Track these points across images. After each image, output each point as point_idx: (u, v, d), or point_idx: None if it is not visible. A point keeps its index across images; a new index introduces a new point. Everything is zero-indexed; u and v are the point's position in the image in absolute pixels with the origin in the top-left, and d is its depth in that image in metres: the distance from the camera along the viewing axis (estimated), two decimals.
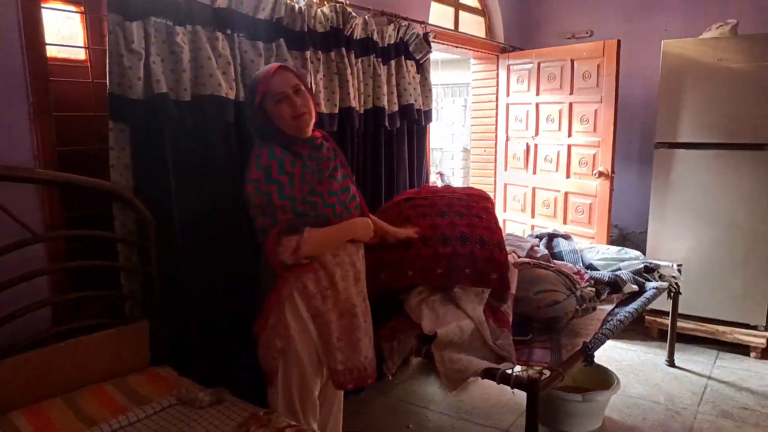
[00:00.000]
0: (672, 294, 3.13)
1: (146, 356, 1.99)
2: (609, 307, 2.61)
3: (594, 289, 2.49)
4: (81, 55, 2.01)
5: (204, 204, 2.14)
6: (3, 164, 1.67)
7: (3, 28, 1.69)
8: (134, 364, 1.95)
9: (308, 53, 2.47)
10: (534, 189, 4.23)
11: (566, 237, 3.29)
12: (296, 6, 2.43)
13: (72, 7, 1.98)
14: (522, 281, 2.32)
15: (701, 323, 3.54)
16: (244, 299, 2.26)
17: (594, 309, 2.41)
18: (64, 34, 2.00)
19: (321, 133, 1.87)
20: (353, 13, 2.70)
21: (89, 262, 1.90)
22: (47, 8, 1.88)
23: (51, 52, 1.93)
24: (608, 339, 2.33)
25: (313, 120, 1.80)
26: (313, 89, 2.53)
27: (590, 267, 3.03)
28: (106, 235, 1.92)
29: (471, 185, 4.82)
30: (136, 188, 1.98)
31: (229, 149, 2.19)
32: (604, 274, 2.80)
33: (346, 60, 2.66)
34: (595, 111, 3.77)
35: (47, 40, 1.86)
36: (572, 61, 3.87)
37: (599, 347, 2.24)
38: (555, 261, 2.82)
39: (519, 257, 2.52)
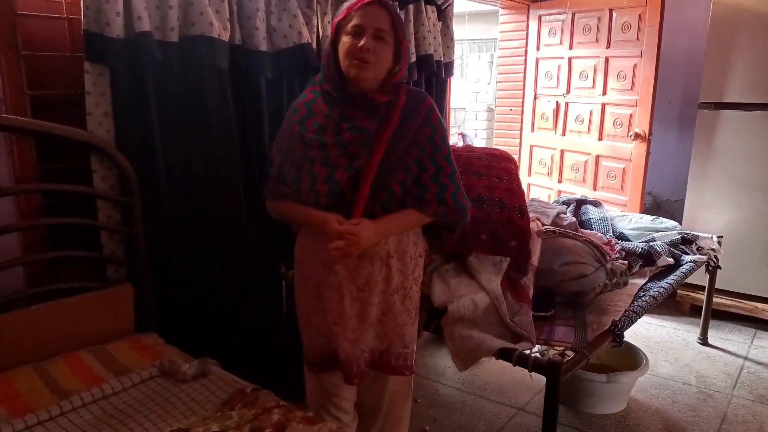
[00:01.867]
0: (710, 268, 2.87)
1: (130, 322, 1.84)
2: (641, 282, 2.37)
3: (626, 262, 2.25)
4: None
5: (194, 158, 1.95)
6: None
7: None
8: (116, 330, 1.80)
9: None
10: (562, 152, 3.95)
11: (596, 204, 3.03)
12: None
13: None
14: (545, 251, 2.09)
15: (739, 300, 3.27)
16: (238, 262, 2.09)
17: (625, 284, 2.18)
18: None
19: (388, 98, 1.52)
20: None
21: (62, 219, 1.73)
22: None
23: None
24: (639, 317, 2.10)
25: (378, 75, 1.49)
26: (320, 34, 2.29)
27: (621, 237, 2.78)
28: (83, 190, 1.74)
29: (495, 147, 4.55)
30: (118, 139, 1.79)
31: (222, 98, 1.98)
32: (637, 245, 2.56)
33: None
34: (634, 66, 3.45)
35: None
36: (611, 11, 3.53)
37: (629, 326, 2.02)
38: (583, 230, 2.58)
39: (543, 225, 2.28)
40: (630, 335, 2.91)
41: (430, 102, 1.60)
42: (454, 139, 6.26)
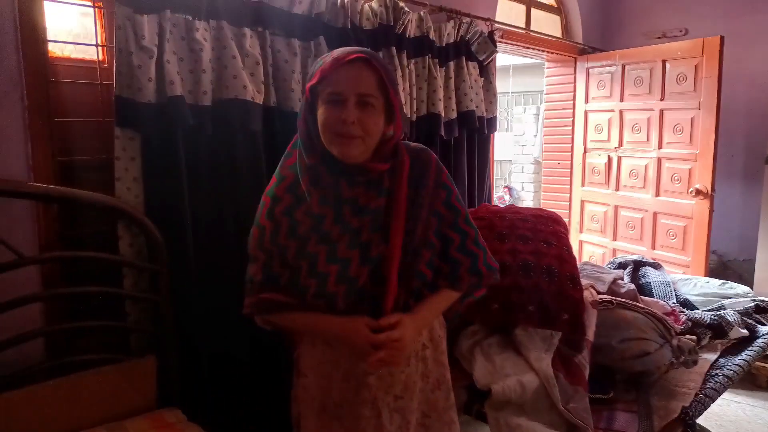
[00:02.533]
0: None
1: (152, 397, 1.73)
2: (712, 357, 2.12)
3: (694, 338, 2.02)
4: (96, 55, 1.80)
5: (225, 225, 1.87)
6: None
7: None
8: (138, 405, 1.69)
9: None
10: (616, 207, 3.73)
11: (656, 266, 2.79)
12: (339, 0, 2.14)
13: (87, 2, 1.77)
14: (602, 325, 1.88)
15: None
16: (268, 337, 1.97)
17: (695, 363, 1.94)
18: (77, 31, 1.80)
19: (387, 166, 1.28)
20: (406, 8, 2.38)
21: (88, 288, 1.66)
22: (55, 1, 1.68)
23: (60, 51, 1.73)
24: (713, 401, 1.85)
25: (368, 148, 1.24)
26: None
27: (686, 304, 2.52)
28: (107, 258, 1.68)
29: (542, 201, 4.37)
30: (147, 205, 1.74)
31: (256, 162, 1.92)
32: (705, 314, 2.30)
33: (397, 61, 2.34)
34: (692, 119, 3.25)
35: (54, 36, 1.68)
36: (663, 63, 3.37)
37: (702, 412, 1.78)
38: (643, 297, 2.35)
39: (598, 293, 2.08)
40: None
41: (435, 158, 1.37)
42: (499, 192, 6.10)
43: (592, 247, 3.90)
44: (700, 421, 2.30)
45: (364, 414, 1.30)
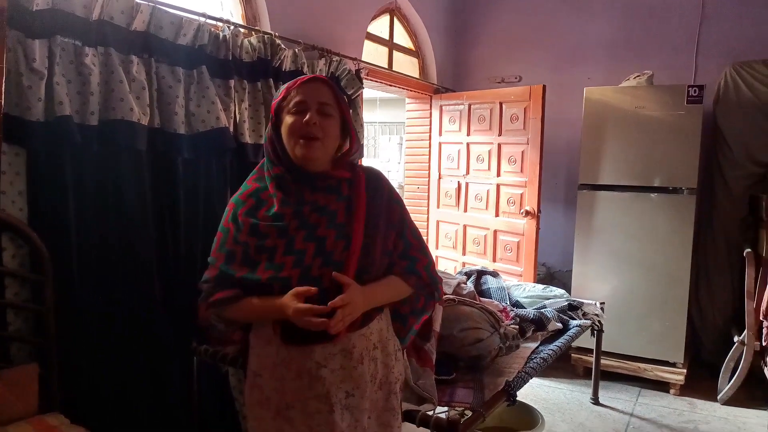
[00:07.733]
0: (595, 332, 3.18)
1: (33, 403, 1.79)
2: (533, 345, 2.61)
3: (517, 327, 2.48)
4: None
5: (110, 238, 1.99)
6: None
7: None
8: (18, 411, 1.75)
9: (232, 82, 2.40)
10: (465, 226, 4.27)
11: (494, 274, 3.30)
12: (221, 34, 2.37)
13: None
14: (446, 319, 2.27)
15: (624, 361, 3.61)
16: (149, 340, 2.11)
17: (518, 347, 2.39)
18: None
19: (348, 175, 1.46)
20: (282, 45, 2.67)
21: None
22: None
23: None
24: (531, 377, 2.31)
25: (327, 152, 1.43)
26: (237, 119, 2.46)
27: (517, 304, 3.04)
28: None
29: None
30: (31, 218, 1.82)
31: (139, 177, 2.07)
32: (529, 311, 2.81)
33: (274, 90, 2.61)
34: (522, 152, 3.87)
35: None
36: (501, 104, 3.98)
37: (522, 386, 2.22)
38: (482, 298, 2.81)
39: (444, 294, 2.48)
40: (530, 397, 3.13)
41: (385, 177, 1.57)
42: None
43: (446, 261, 4.40)
44: (531, 403, 2.79)
45: (318, 408, 1.37)
